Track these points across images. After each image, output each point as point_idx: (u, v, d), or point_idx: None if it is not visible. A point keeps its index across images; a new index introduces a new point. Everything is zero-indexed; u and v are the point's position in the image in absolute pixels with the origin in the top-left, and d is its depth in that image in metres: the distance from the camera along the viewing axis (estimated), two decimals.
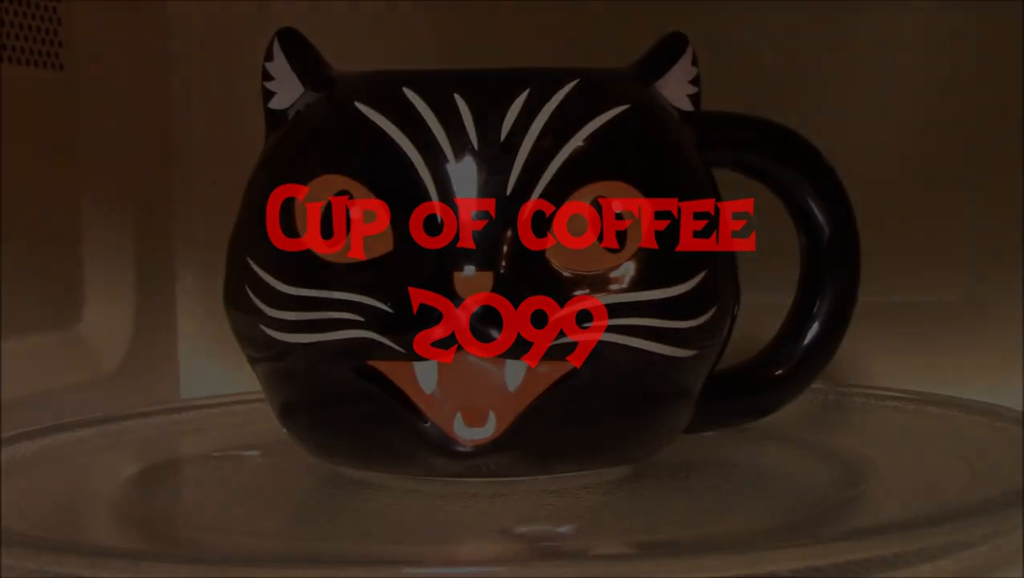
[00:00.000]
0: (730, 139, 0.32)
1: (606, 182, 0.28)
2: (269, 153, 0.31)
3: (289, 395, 0.30)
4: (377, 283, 0.27)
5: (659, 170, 0.29)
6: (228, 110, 0.49)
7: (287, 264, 0.28)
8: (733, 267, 0.30)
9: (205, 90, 0.49)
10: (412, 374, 0.28)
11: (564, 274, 0.27)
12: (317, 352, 0.28)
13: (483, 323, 0.27)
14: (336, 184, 0.28)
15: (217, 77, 0.48)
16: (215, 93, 0.49)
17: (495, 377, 0.27)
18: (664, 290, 0.28)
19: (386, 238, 0.27)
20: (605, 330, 0.27)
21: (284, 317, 0.28)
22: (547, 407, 0.28)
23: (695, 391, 0.30)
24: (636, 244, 0.28)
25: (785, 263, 0.33)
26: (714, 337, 0.30)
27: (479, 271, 0.27)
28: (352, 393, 0.28)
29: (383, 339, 0.27)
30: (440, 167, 0.27)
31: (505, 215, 0.27)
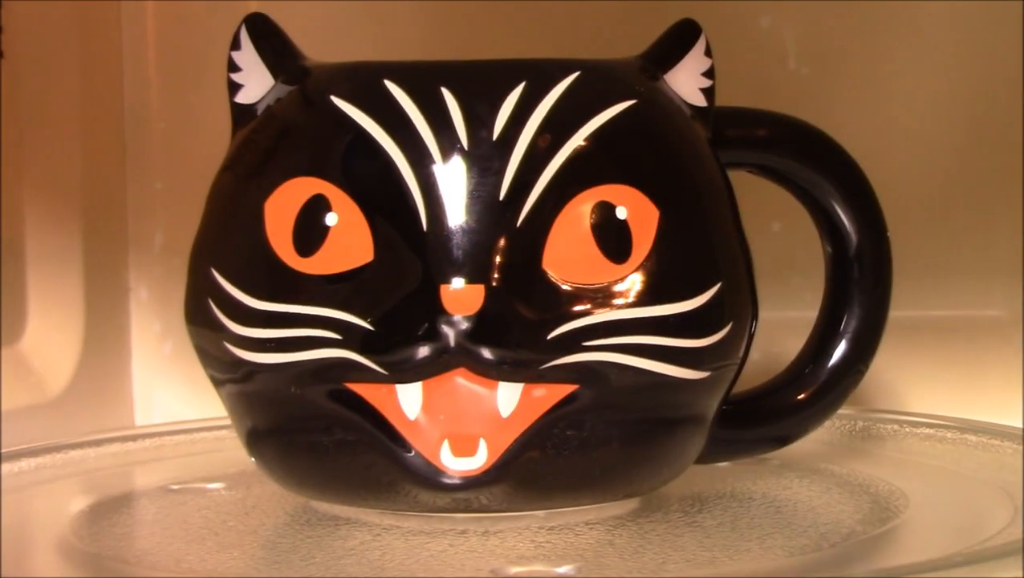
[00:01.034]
0: (747, 138, 0.32)
1: (610, 185, 0.28)
2: (235, 152, 0.31)
3: (257, 421, 0.30)
4: (355, 297, 0.28)
5: (668, 172, 0.30)
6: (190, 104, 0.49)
7: (255, 275, 0.29)
8: (750, 279, 0.31)
9: (163, 82, 0.49)
10: (394, 398, 0.28)
11: (563, 287, 0.28)
12: (288, 373, 0.28)
13: (473, 341, 0.27)
14: (310, 187, 0.28)
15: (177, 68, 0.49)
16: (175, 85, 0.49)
17: (486, 401, 0.28)
18: (674, 305, 0.28)
19: (365, 247, 0.28)
20: (608, 349, 0.28)
21: (252, 334, 0.29)
22: (544, 434, 0.28)
23: (708, 417, 0.31)
24: (643, 254, 0.28)
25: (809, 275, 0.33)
26: (729, 357, 0.30)
27: (469, 284, 0.27)
28: (327, 419, 0.29)
29: (362, 359, 0.27)
30: (425, 168, 0.28)
31: (498, 222, 0.28)
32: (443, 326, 0.27)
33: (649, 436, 0.29)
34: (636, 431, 0.29)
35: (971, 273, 0.45)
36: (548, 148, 0.28)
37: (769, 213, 0.41)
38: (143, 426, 0.45)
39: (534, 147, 0.28)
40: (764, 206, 0.34)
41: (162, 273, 0.48)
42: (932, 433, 0.38)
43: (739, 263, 0.31)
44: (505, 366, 0.27)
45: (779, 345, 0.34)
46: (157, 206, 0.49)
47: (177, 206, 0.48)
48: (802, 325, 0.34)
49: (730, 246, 0.30)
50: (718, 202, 0.31)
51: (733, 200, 0.31)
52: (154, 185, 0.49)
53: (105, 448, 0.38)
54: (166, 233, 0.48)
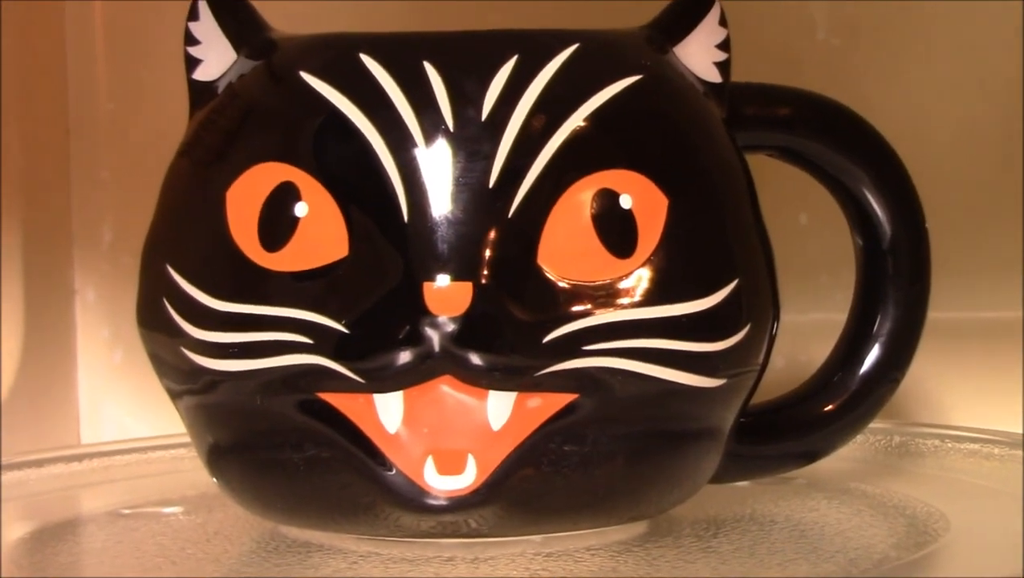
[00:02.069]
0: (768, 117, 0.32)
1: (613, 171, 0.28)
2: (193, 135, 0.31)
3: (219, 436, 0.30)
4: (328, 296, 0.28)
5: (678, 156, 0.30)
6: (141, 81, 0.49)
7: (216, 273, 0.29)
8: (771, 276, 0.31)
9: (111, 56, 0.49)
10: (372, 409, 0.28)
11: (561, 285, 0.28)
12: (254, 382, 0.28)
13: (460, 345, 0.27)
14: (277, 174, 0.28)
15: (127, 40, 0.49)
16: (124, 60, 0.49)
17: (475, 413, 0.28)
18: (685, 305, 0.29)
19: (339, 241, 0.28)
20: (612, 354, 0.28)
21: (213, 339, 0.29)
22: (540, 449, 0.28)
23: (724, 430, 0.31)
24: (650, 248, 0.28)
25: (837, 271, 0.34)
26: (747, 363, 0.30)
27: (455, 281, 0.27)
28: (297, 433, 0.29)
29: (336, 366, 0.28)
30: (406, 153, 0.28)
31: (487, 212, 0.28)
32: (426, 328, 0.27)
33: (657, 452, 0.30)
34: (643, 446, 0.29)
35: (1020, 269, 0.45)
36: (543, 129, 0.28)
37: (793, 202, 0.41)
38: (90, 444, 0.45)
39: (528, 128, 0.28)
40: (787, 194, 0.35)
41: (111, 272, 0.48)
42: (977, 449, 0.38)
43: (758, 258, 0.31)
44: (496, 373, 0.27)
45: (804, 350, 0.34)
46: (105, 197, 0.49)
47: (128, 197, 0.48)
48: (830, 328, 0.34)
49: (748, 239, 0.31)
50: (735, 189, 0.31)
51: (752, 187, 0.31)
52: (101, 173, 0.49)
53: (48, 469, 0.38)
54: (115, 227, 0.49)
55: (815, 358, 0.34)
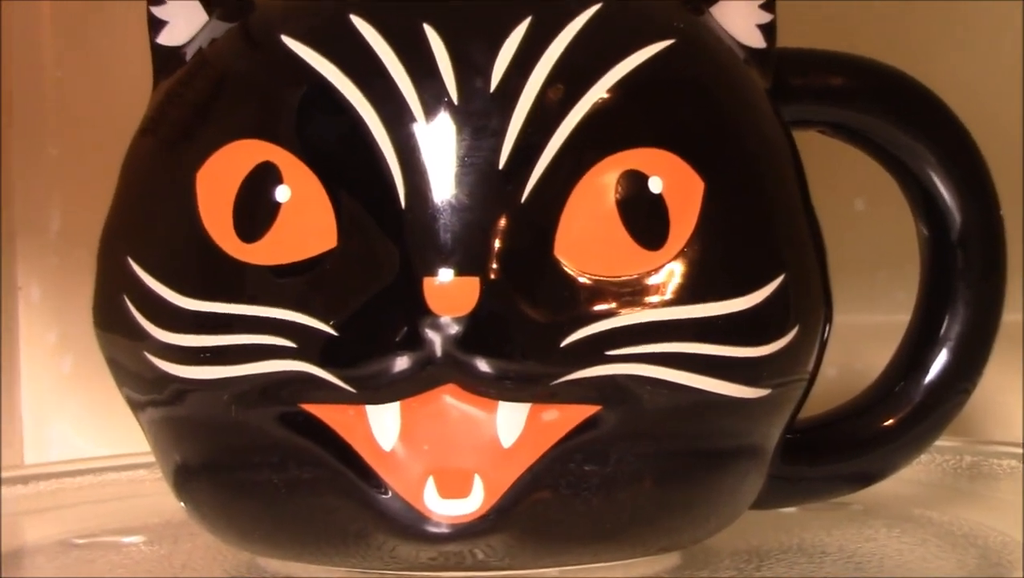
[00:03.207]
0: (818, 88, 0.33)
1: (641, 150, 0.29)
2: (158, 109, 0.31)
3: (188, 455, 0.30)
4: (314, 294, 0.28)
5: (716, 133, 0.30)
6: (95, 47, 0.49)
7: (185, 267, 0.29)
8: (822, 271, 0.31)
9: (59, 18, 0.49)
10: (364, 423, 0.28)
11: (581, 281, 0.28)
12: (228, 392, 0.29)
13: (465, 350, 0.27)
14: (255, 153, 0.29)
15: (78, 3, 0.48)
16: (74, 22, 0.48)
17: (483, 427, 0.28)
18: (724, 303, 0.29)
19: (327, 230, 0.28)
20: (639, 360, 0.28)
21: (181, 342, 0.29)
22: (557, 470, 0.28)
23: (768, 449, 0.31)
24: (683, 238, 0.29)
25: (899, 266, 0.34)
26: (795, 371, 0.30)
27: (460, 276, 0.27)
28: (278, 451, 0.29)
29: (323, 373, 0.28)
30: (404, 129, 0.28)
31: (497, 197, 0.28)
32: (427, 330, 0.27)
33: (691, 473, 0.30)
34: (675, 466, 0.29)
35: None
36: (561, 102, 0.28)
37: (848, 186, 0.41)
38: (37, 464, 0.45)
39: (543, 101, 0.28)
40: (841, 177, 0.35)
41: (60, 266, 0.48)
42: None
43: (808, 250, 0.31)
44: (506, 382, 0.28)
45: (860, 357, 0.34)
46: (53, 180, 0.48)
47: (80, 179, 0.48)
48: (890, 331, 0.34)
49: (796, 228, 0.31)
50: (780, 171, 0.31)
51: (800, 168, 0.31)
52: (48, 152, 0.49)
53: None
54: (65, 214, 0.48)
55: (873, 366, 0.34)
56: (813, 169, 0.31)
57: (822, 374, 0.31)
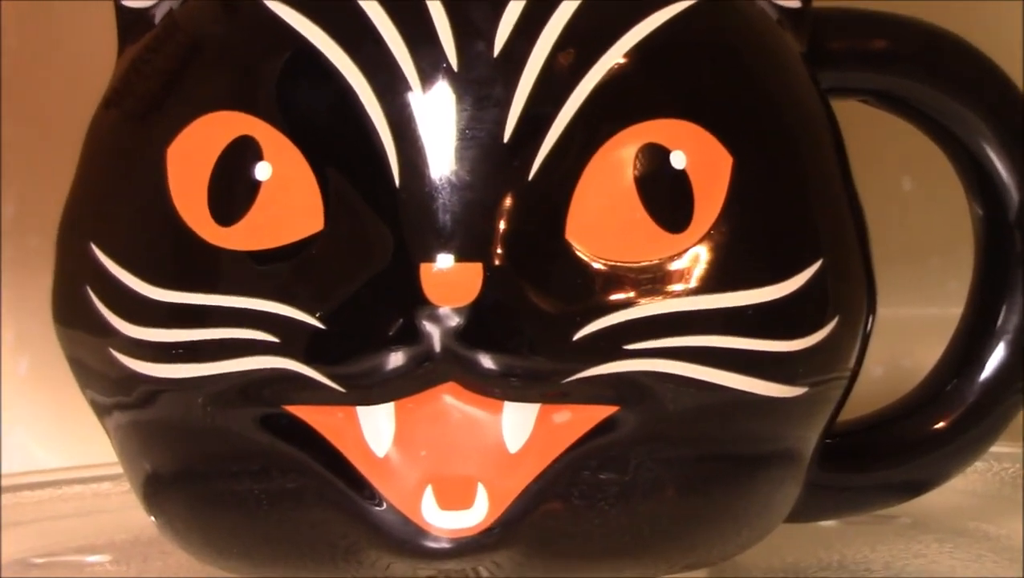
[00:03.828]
0: (860, 52, 0.33)
1: (662, 121, 0.28)
2: (123, 79, 0.31)
3: (160, 463, 0.30)
4: (299, 283, 0.28)
5: (745, 102, 0.30)
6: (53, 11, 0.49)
7: (155, 253, 0.29)
8: (864, 257, 0.31)
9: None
10: (355, 426, 0.28)
11: (595, 266, 0.28)
12: (204, 393, 0.29)
13: (467, 344, 0.27)
14: (232, 126, 0.29)
15: None
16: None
17: (487, 430, 0.28)
18: (755, 292, 0.29)
19: (312, 211, 0.28)
20: (661, 355, 0.28)
21: (151, 338, 0.29)
22: (569, 478, 0.28)
23: (804, 454, 0.31)
24: (710, 219, 0.28)
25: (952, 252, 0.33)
26: (834, 367, 0.30)
27: (461, 262, 0.27)
28: (259, 458, 0.29)
29: (308, 371, 0.28)
30: (398, 99, 0.28)
31: (502, 174, 0.28)
32: (424, 323, 0.27)
33: (719, 481, 0.30)
34: (701, 474, 0.29)
35: None
36: (572, 68, 0.28)
37: (894, 162, 0.41)
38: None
39: (552, 67, 0.28)
40: (886, 152, 0.34)
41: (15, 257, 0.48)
42: None
43: (848, 233, 0.31)
44: (513, 380, 0.27)
45: (909, 352, 0.34)
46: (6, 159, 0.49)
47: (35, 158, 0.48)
48: (942, 324, 0.34)
49: (835, 208, 0.31)
50: (818, 145, 0.31)
51: (840, 142, 0.31)
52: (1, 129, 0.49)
53: None
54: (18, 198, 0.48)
55: (922, 362, 0.34)
56: (854, 143, 0.31)
57: (866, 372, 0.31)
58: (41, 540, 0.37)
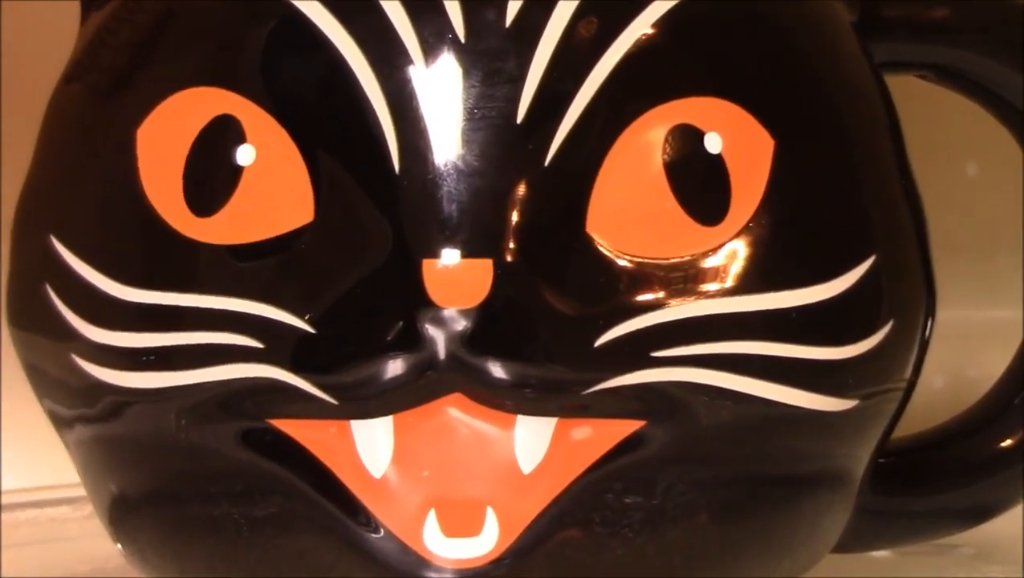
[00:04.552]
0: (918, 22, 0.32)
1: (695, 99, 0.28)
2: (88, 50, 0.31)
3: (127, 484, 0.30)
4: (285, 281, 0.28)
5: (789, 79, 0.30)
6: None
7: (123, 247, 0.29)
8: (923, 253, 0.31)
9: None
10: (349, 443, 0.28)
11: (620, 263, 0.28)
12: (177, 405, 0.28)
13: (475, 351, 0.27)
14: (211, 104, 0.28)
15: None
16: None
17: (497, 448, 0.28)
18: (799, 292, 0.29)
19: (301, 201, 0.28)
20: (693, 363, 0.28)
21: (119, 342, 0.29)
22: (590, 502, 0.28)
23: (855, 476, 0.31)
24: (748, 210, 0.29)
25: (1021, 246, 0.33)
26: (889, 378, 0.30)
27: (468, 258, 0.27)
28: (240, 478, 0.29)
29: (296, 381, 0.28)
30: (398, 74, 0.28)
31: (514, 159, 0.28)
32: (427, 326, 0.27)
33: (759, 505, 0.30)
34: (738, 497, 0.29)
35: None
36: (594, 40, 0.28)
37: (957, 146, 0.41)
38: None
39: (571, 38, 0.28)
40: (948, 134, 0.34)
41: None
42: None
43: (905, 226, 0.31)
44: (527, 391, 0.27)
45: (974, 361, 0.34)
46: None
47: None
48: (1011, 328, 0.34)
49: (890, 198, 0.31)
50: (870, 127, 0.31)
51: (895, 123, 0.31)
52: None
53: None
54: None
55: (988, 372, 0.34)
56: (911, 124, 0.31)
57: (925, 382, 0.31)
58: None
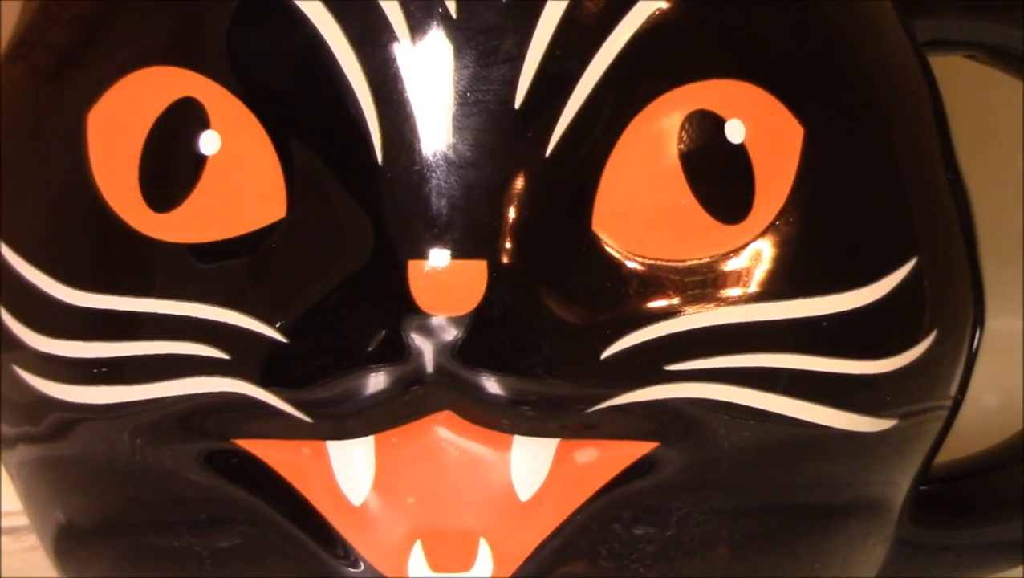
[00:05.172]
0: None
1: (715, 82, 0.28)
2: (32, 26, 0.31)
3: (75, 511, 0.30)
4: (254, 284, 0.28)
5: (821, 59, 0.30)
6: None
7: (72, 246, 0.29)
8: (970, 255, 0.31)
9: None
10: (325, 467, 0.28)
11: (630, 266, 0.28)
12: (132, 423, 0.28)
13: (467, 363, 0.27)
14: (170, 86, 0.28)
15: None
16: None
17: (491, 472, 0.28)
18: (830, 299, 0.28)
19: (272, 194, 0.28)
20: (712, 377, 0.28)
21: (67, 352, 0.29)
22: (596, 533, 0.28)
23: (894, 504, 0.31)
24: (775, 207, 0.28)
25: None
26: (932, 395, 0.30)
27: (460, 259, 0.27)
28: (202, 506, 0.29)
29: (266, 396, 0.27)
30: (380, 53, 0.28)
31: (512, 148, 0.27)
32: (413, 336, 0.27)
33: (786, 537, 0.30)
34: (761, 529, 0.29)
35: None
36: (602, 14, 0.28)
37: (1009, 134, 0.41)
38: None
39: (576, 12, 0.28)
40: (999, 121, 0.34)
41: None
42: None
43: (950, 224, 0.31)
44: (525, 408, 0.27)
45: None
46: None
47: None
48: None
49: (933, 192, 0.31)
50: (912, 113, 0.31)
51: (940, 110, 0.31)
52: None
53: None
54: None
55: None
56: (958, 110, 0.31)
57: (973, 401, 0.31)
58: None
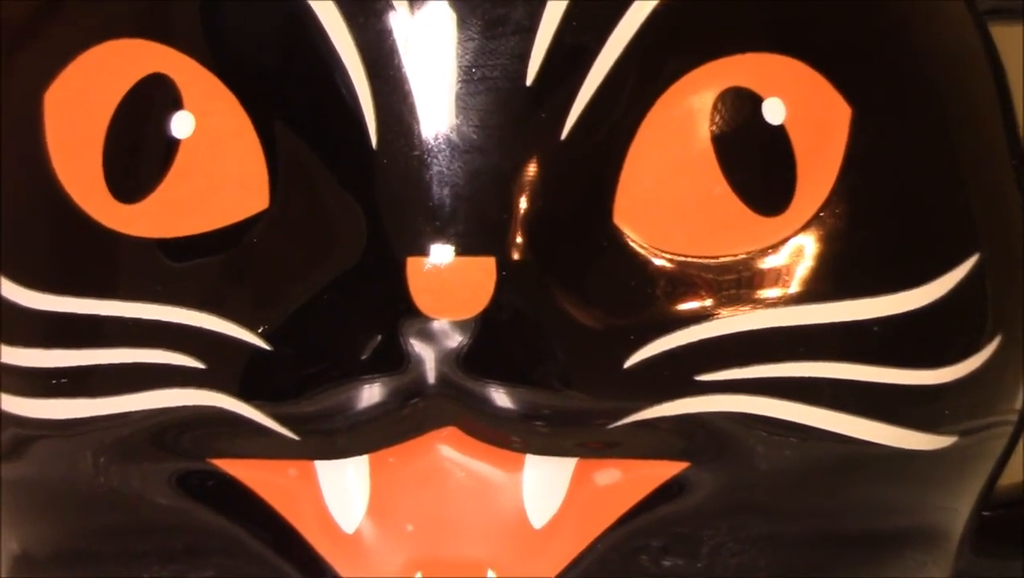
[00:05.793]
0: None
1: (751, 56, 0.28)
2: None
3: (34, 539, 0.30)
4: (233, 284, 0.28)
5: (870, 32, 0.29)
6: None
7: (31, 243, 0.29)
8: None
9: None
10: (314, 490, 0.28)
11: (657, 263, 0.27)
12: (96, 441, 0.28)
13: (473, 373, 0.27)
14: (138, 60, 0.28)
15: None
16: None
17: (501, 496, 0.28)
18: (881, 300, 0.28)
19: (253, 183, 0.28)
20: (749, 389, 0.27)
21: (24, 362, 0.29)
22: (618, 563, 0.28)
23: (953, 531, 0.31)
24: (819, 197, 0.28)
25: None
26: (994, 407, 0.30)
27: (464, 256, 0.27)
28: (176, 534, 0.29)
29: (246, 409, 0.27)
30: (375, 25, 0.27)
31: (523, 130, 0.27)
32: (412, 342, 0.27)
33: (830, 571, 0.29)
34: (804, 559, 0.29)
35: None
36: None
37: None
38: None
39: None
40: None
41: None
42: None
43: (1015, 218, 0.31)
44: (538, 423, 0.27)
45: None
46: None
47: None
48: None
49: (996, 180, 0.30)
50: (972, 91, 0.30)
51: (1004, 87, 0.31)
52: None
53: None
54: None
55: None
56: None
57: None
58: None
